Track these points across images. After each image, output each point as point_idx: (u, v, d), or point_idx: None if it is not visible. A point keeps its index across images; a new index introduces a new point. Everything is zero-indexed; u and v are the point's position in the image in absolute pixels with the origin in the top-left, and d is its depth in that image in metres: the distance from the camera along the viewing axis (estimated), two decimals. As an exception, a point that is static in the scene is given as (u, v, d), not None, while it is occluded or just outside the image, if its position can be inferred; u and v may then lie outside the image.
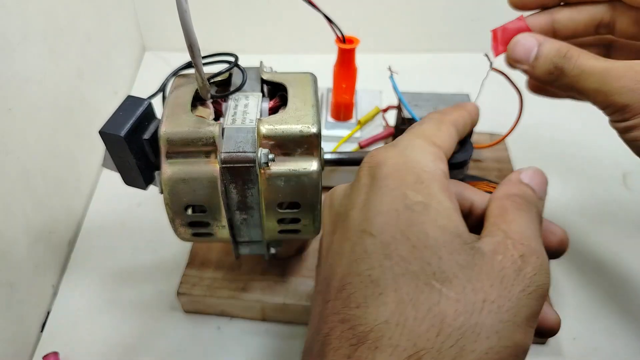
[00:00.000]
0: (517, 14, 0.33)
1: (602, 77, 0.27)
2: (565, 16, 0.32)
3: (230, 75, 0.35)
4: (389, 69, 0.38)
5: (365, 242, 0.21)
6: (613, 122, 0.29)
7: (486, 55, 0.34)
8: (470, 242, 0.20)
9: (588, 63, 0.28)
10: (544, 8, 0.33)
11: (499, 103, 0.39)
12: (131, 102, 0.31)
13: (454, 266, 0.19)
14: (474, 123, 0.31)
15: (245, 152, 0.29)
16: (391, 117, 0.50)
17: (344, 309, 0.20)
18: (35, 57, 0.43)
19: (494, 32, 0.33)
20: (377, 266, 0.20)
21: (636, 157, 0.31)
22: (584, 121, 0.48)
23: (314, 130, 0.30)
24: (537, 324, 0.20)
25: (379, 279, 0.19)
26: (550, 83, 0.30)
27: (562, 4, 0.33)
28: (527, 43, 0.30)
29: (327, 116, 0.47)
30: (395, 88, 0.39)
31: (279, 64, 0.39)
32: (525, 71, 0.31)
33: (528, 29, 0.32)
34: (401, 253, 0.20)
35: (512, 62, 0.31)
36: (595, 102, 0.29)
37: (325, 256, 0.24)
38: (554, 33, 0.32)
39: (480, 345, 0.18)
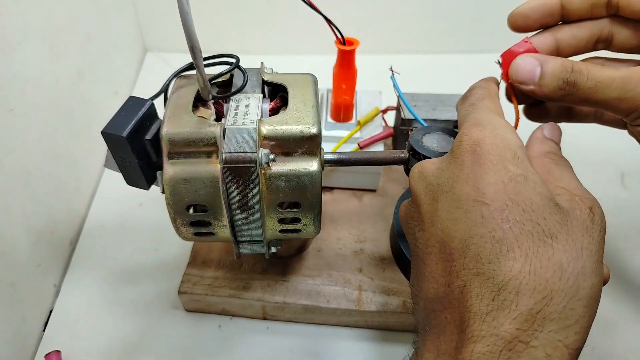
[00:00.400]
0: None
1: (623, 85, 0.28)
2: (567, 34, 0.33)
3: (232, 76, 0.35)
4: (391, 69, 0.38)
5: (480, 210, 0.24)
6: (636, 126, 0.30)
7: (498, 63, 0.33)
8: (557, 203, 0.25)
9: (603, 74, 0.28)
10: (545, 28, 0.33)
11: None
12: (133, 102, 0.31)
13: (556, 224, 0.24)
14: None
15: (246, 152, 0.29)
16: (390, 118, 0.50)
17: (476, 265, 0.24)
18: (36, 57, 0.44)
19: (503, 56, 0.32)
20: (498, 229, 0.24)
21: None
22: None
23: (314, 130, 0.31)
24: None
25: (502, 239, 0.23)
26: (561, 99, 0.30)
27: (561, 22, 0.33)
28: (527, 64, 0.30)
29: (327, 117, 0.48)
30: (396, 88, 0.39)
31: (279, 65, 0.39)
32: (532, 92, 0.31)
33: (535, 50, 0.32)
34: (515, 217, 0.24)
35: (517, 85, 0.31)
36: (617, 111, 0.29)
37: (430, 222, 0.27)
38: (557, 52, 0.33)
39: (588, 282, 0.23)
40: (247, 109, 0.32)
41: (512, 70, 0.31)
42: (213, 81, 0.34)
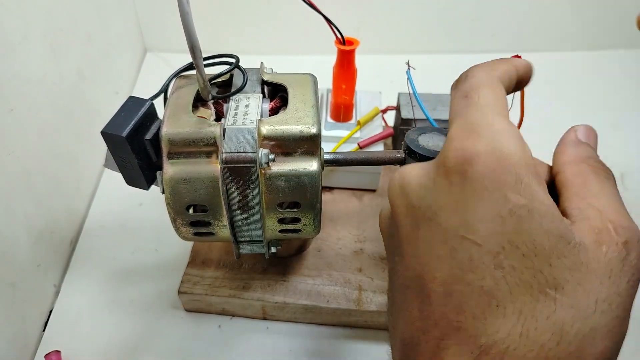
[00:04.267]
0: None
1: None
2: None
3: (231, 76, 0.35)
4: (407, 63, 0.36)
5: (469, 250, 0.20)
6: None
7: None
8: (572, 239, 0.19)
9: None
10: None
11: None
12: (133, 102, 0.31)
13: (564, 271, 0.19)
14: (520, 78, 0.26)
15: (246, 152, 0.29)
16: (390, 118, 0.50)
17: (458, 317, 0.20)
18: (36, 57, 0.44)
19: None
20: (488, 276, 0.19)
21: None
22: (582, 122, 0.49)
23: (314, 130, 0.31)
24: None
25: (492, 290, 0.19)
26: None
27: None
28: None
29: (326, 117, 0.48)
30: (411, 84, 0.36)
31: (279, 65, 0.39)
32: None
33: None
34: (512, 263, 0.19)
35: None
36: None
37: (409, 252, 0.22)
38: None
39: (597, 348, 0.18)
40: (247, 109, 0.32)
41: None
42: (213, 81, 0.34)
